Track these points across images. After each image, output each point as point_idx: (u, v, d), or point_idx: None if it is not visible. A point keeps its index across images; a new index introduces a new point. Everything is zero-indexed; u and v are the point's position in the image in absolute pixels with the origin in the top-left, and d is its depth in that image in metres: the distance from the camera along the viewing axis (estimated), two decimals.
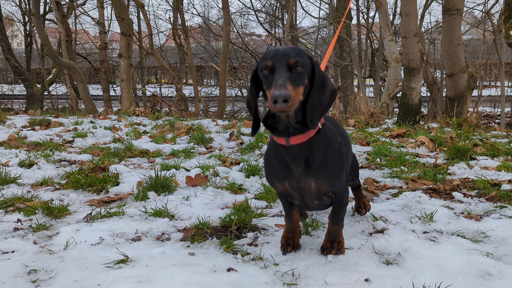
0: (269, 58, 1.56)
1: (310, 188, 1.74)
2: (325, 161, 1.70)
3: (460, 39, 7.52)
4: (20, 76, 13.86)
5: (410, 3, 6.52)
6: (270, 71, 1.54)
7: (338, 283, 1.63)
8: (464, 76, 7.32)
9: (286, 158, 1.69)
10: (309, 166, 1.69)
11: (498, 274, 1.67)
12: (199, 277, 1.65)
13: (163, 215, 2.38)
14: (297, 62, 1.52)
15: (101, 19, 12.24)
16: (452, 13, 7.22)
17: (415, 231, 2.12)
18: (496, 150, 3.93)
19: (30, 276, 1.69)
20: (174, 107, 11.20)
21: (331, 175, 1.74)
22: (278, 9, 16.34)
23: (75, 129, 5.40)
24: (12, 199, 2.54)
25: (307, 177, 1.71)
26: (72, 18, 14.88)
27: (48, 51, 9.23)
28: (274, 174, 1.80)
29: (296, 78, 1.52)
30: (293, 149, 1.65)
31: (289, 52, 1.54)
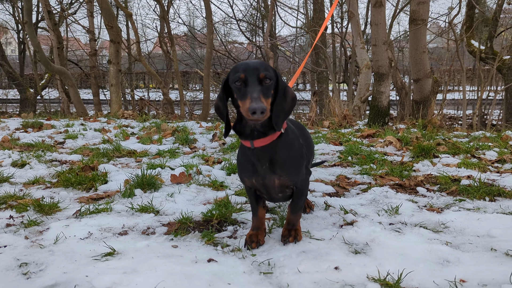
0: (241, 71, 1.63)
1: (274, 184, 1.85)
2: (286, 160, 1.81)
3: (426, 47, 7.65)
4: (13, 81, 13.60)
5: (379, 14, 6.60)
6: (243, 83, 1.62)
7: (310, 271, 1.64)
8: (429, 81, 7.46)
9: (252, 158, 1.80)
10: (272, 165, 1.79)
11: (456, 261, 1.70)
12: (181, 268, 1.65)
13: (148, 211, 2.36)
14: (266, 76, 1.62)
15: (91, 27, 12.09)
16: (418, 23, 7.35)
17: (381, 223, 2.14)
18: (457, 149, 3.99)
19: (21, 269, 1.66)
20: (160, 110, 11.12)
21: (292, 172, 1.85)
22: (259, 18, 16.33)
23: (66, 131, 5.33)
24: (4, 197, 2.50)
25: (271, 175, 1.82)
26: (63, 26, 14.65)
27: (40, 57, 9.08)
28: (243, 172, 1.91)
29: (266, 91, 1.62)
30: (257, 150, 1.76)
31: (258, 67, 1.63)
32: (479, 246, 1.84)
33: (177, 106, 12.47)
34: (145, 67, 10.93)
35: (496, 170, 3.29)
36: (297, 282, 1.57)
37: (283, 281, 1.58)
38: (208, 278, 1.59)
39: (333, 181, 3.05)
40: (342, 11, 15.51)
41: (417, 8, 7.42)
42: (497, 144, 4.29)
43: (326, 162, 3.68)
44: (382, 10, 6.60)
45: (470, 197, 2.57)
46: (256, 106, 1.50)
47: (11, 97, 16.37)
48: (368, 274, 1.60)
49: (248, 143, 1.75)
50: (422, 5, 7.41)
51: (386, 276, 1.57)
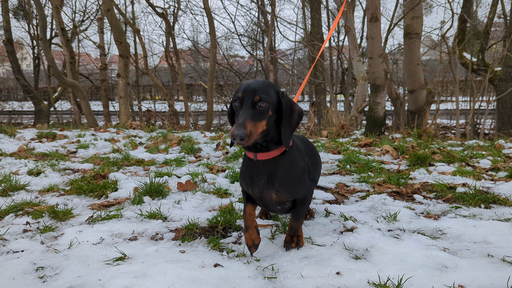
0: (240, 91, 1.65)
1: (271, 198, 1.83)
2: (286, 177, 1.79)
3: (420, 59, 7.67)
4: (29, 94, 13.68)
5: (375, 28, 6.63)
6: (240, 103, 1.64)
7: (312, 276, 1.63)
8: (423, 92, 7.46)
9: (252, 171, 1.81)
10: (271, 180, 1.78)
11: (454, 267, 1.68)
12: (189, 272, 1.64)
13: (157, 217, 2.35)
14: (261, 99, 1.61)
15: (101, 43, 12.15)
16: (412, 37, 7.37)
17: (380, 230, 2.13)
18: (452, 157, 3.97)
19: (37, 272, 1.66)
20: (166, 121, 11.13)
21: (291, 189, 1.82)
22: (259, 33, 16.43)
23: (78, 141, 5.33)
24: (21, 204, 2.50)
25: (269, 190, 1.80)
26: (75, 42, 14.76)
27: (54, 72, 9.13)
28: (244, 180, 1.90)
29: (259, 114, 1.61)
30: (259, 163, 1.77)
31: (257, 89, 1.62)
32: (476, 252, 1.82)
33: (182, 117, 12.51)
34: (152, 80, 10.97)
35: (491, 178, 3.27)
36: (300, 286, 1.56)
37: (286, 286, 1.57)
38: (215, 282, 1.58)
39: (332, 189, 3.03)
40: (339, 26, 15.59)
41: (411, 23, 7.46)
42: (491, 152, 4.27)
43: (325, 170, 3.67)
44: (377, 24, 6.63)
45: (466, 204, 2.55)
46: (236, 133, 1.51)
47: (26, 109, 16.49)
48: (369, 279, 1.58)
49: (252, 155, 1.76)
50: (416, 19, 7.45)
51: (386, 281, 1.55)
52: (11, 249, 1.89)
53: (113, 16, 9.09)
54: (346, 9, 7.59)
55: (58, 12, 10.65)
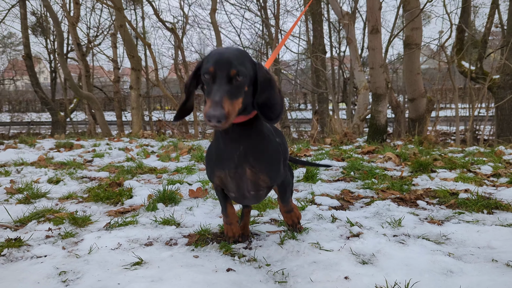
0: (211, 62, 1.37)
1: (246, 175, 1.61)
2: (262, 151, 1.58)
3: (419, 69, 7.66)
4: (46, 106, 13.84)
5: (375, 40, 6.64)
6: (211, 77, 1.36)
7: (322, 280, 1.62)
8: (424, 101, 7.44)
9: (225, 144, 1.57)
10: (246, 153, 1.56)
11: (459, 271, 1.67)
12: (203, 277, 1.64)
13: (170, 223, 2.36)
14: (238, 72, 1.35)
15: (114, 57, 12.29)
16: (412, 47, 7.37)
17: (386, 235, 2.12)
18: (453, 164, 3.95)
19: (60, 276, 1.67)
20: (176, 130, 11.18)
21: (268, 166, 1.62)
22: (263, 45, 16.52)
23: (93, 150, 5.38)
24: (43, 211, 2.52)
25: (244, 163, 1.57)
26: (90, 56, 14.93)
27: (70, 84, 9.25)
28: (213, 165, 1.66)
29: (235, 90, 1.35)
30: (234, 128, 1.51)
31: (232, 61, 1.36)
32: (480, 257, 1.80)
33: (190, 126, 12.56)
34: (163, 91, 11.05)
35: (492, 184, 3.25)
36: None
37: None
38: (228, 286, 1.58)
39: (338, 195, 3.03)
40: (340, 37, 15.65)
41: (411, 34, 7.46)
42: (491, 159, 4.24)
43: (330, 177, 3.67)
44: (378, 36, 6.64)
45: (468, 210, 2.53)
46: (212, 113, 1.26)
47: (44, 120, 16.66)
48: (377, 284, 1.57)
49: None
50: (415, 30, 7.45)
51: (394, 285, 1.54)
52: (35, 254, 1.91)
53: (126, 32, 9.20)
54: (347, 22, 7.62)
55: (74, 28, 10.79)
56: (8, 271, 1.72)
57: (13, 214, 2.46)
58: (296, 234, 2.16)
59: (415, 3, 7.21)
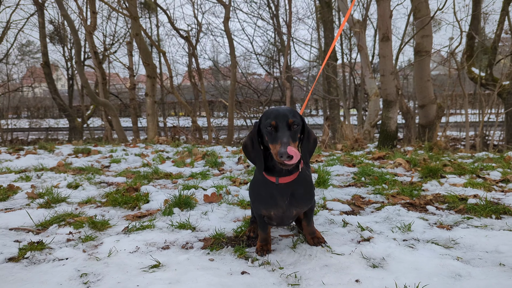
0: (272, 117, 1.68)
1: (292, 214, 1.91)
2: (303, 193, 1.87)
3: (429, 75, 7.62)
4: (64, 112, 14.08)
5: (386, 47, 6.64)
6: (274, 128, 1.67)
7: (333, 283, 1.65)
8: (434, 107, 7.40)
9: (275, 193, 1.83)
10: (293, 199, 1.84)
11: (467, 275, 1.68)
12: (219, 279, 1.68)
13: (186, 227, 2.40)
14: (294, 121, 1.68)
15: (130, 65, 12.47)
16: (422, 54, 7.35)
17: (396, 239, 2.13)
18: (463, 169, 3.92)
19: (82, 278, 1.72)
20: (190, 136, 11.28)
21: (308, 204, 1.93)
22: (276, 52, 16.60)
23: (111, 156, 5.46)
24: (63, 215, 2.58)
25: (291, 208, 1.87)
26: (106, 63, 15.17)
27: (87, 91, 9.41)
28: (262, 204, 1.90)
29: (294, 135, 1.67)
30: (281, 186, 1.81)
31: (287, 114, 1.68)
32: (488, 261, 1.81)
33: (204, 132, 12.65)
34: (177, 98, 11.16)
35: (501, 189, 3.23)
36: None
37: None
38: None
39: (349, 200, 3.04)
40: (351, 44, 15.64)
41: (422, 41, 7.44)
42: (500, 164, 4.21)
43: (342, 183, 3.68)
44: (389, 44, 6.64)
45: (477, 215, 2.52)
46: (284, 151, 1.54)
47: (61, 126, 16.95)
48: (387, 287, 1.59)
49: (273, 179, 1.80)
50: (426, 38, 7.43)
51: None
52: (57, 257, 1.96)
53: (141, 40, 9.35)
54: (358, 30, 7.63)
55: (91, 36, 10.99)
56: (32, 273, 1.78)
57: (35, 218, 2.53)
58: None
59: (425, 11, 7.20)
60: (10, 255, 1.96)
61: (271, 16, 15.33)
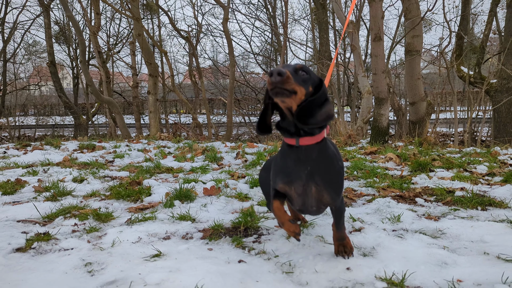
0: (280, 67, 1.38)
1: (312, 193, 1.58)
2: (326, 171, 1.54)
3: (420, 74, 7.61)
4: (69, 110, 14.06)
5: (378, 47, 6.64)
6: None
7: (325, 271, 1.67)
8: (424, 104, 7.41)
9: (294, 159, 1.52)
10: (312, 172, 1.52)
11: (453, 263, 1.70)
12: (217, 267, 1.69)
13: (186, 219, 2.41)
14: (302, 68, 1.40)
15: (133, 64, 12.43)
16: (413, 53, 7.34)
17: (385, 230, 2.15)
18: (451, 164, 3.94)
19: (86, 267, 1.73)
20: (191, 132, 11.28)
21: (331, 185, 1.57)
22: (273, 52, 16.58)
23: (114, 152, 5.46)
24: (69, 207, 2.59)
25: (310, 182, 1.54)
26: (110, 62, 15.12)
27: (92, 90, 9.37)
28: (280, 176, 1.60)
29: (300, 79, 1.37)
30: (301, 150, 1.49)
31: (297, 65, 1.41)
32: (473, 250, 1.83)
33: (204, 128, 12.65)
34: (178, 96, 11.15)
35: (487, 182, 3.25)
36: (315, 280, 1.60)
37: (302, 279, 1.61)
38: (240, 276, 1.63)
39: None
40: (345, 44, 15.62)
41: (412, 41, 7.43)
42: (487, 159, 4.23)
43: None
44: (380, 43, 6.64)
45: (464, 206, 2.54)
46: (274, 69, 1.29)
47: (67, 123, 16.91)
48: (376, 274, 1.61)
49: (293, 141, 1.48)
50: (416, 38, 7.41)
51: (391, 276, 1.58)
52: (62, 247, 1.97)
53: (144, 40, 9.32)
54: (351, 30, 7.62)
55: (95, 37, 10.95)
56: (38, 263, 1.79)
57: (41, 210, 2.54)
58: (302, 228, 2.20)
59: (416, 12, 7.19)
60: (17, 246, 1.97)
61: (268, 17, 15.30)
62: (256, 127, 1.58)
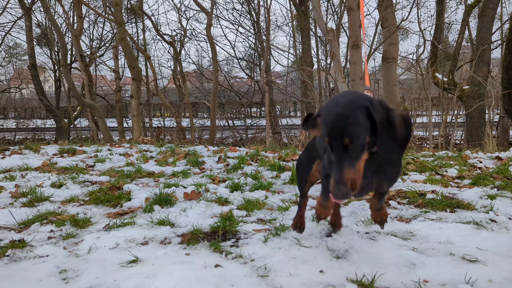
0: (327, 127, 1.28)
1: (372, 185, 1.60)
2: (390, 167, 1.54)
3: (396, 81, 7.79)
4: (51, 113, 13.75)
5: (356, 54, 6.74)
6: (328, 145, 1.30)
7: (299, 274, 1.69)
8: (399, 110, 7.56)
9: None
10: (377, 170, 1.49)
11: (421, 264, 1.74)
12: (193, 272, 1.69)
13: (165, 224, 2.39)
14: (351, 138, 1.24)
15: (116, 68, 12.28)
16: (389, 61, 7.50)
17: (359, 232, 2.18)
18: (424, 167, 4.01)
19: (61, 275, 1.71)
20: (175, 136, 11.20)
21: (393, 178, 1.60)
22: (256, 57, 16.63)
23: (95, 156, 5.36)
24: (46, 213, 2.54)
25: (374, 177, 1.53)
26: (93, 66, 14.90)
27: (73, 94, 9.21)
28: None
29: (354, 155, 1.26)
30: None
31: (344, 126, 1.24)
32: (440, 251, 1.88)
33: (188, 132, 12.58)
34: (161, 100, 11.06)
35: (456, 185, 3.34)
36: (289, 283, 1.62)
37: (277, 283, 1.63)
38: (215, 280, 1.63)
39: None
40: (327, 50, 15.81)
41: (389, 49, 7.59)
42: (458, 162, 4.34)
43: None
44: (358, 51, 6.74)
45: (434, 209, 2.61)
46: (338, 194, 1.23)
47: (48, 126, 16.56)
48: (348, 276, 1.64)
49: None
50: (392, 46, 7.59)
51: (362, 277, 1.61)
52: (37, 254, 1.93)
53: (127, 44, 9.22)
54: (330, 37, 7.72)
55: (78, 40, 10.78)
56: (12, 270, 1.75)
57: (17, 217, 2.47)
58: (279, 232, 2.21)
59: (392, 21, 7.36)
60: None
61: (252, 23, 15.36)
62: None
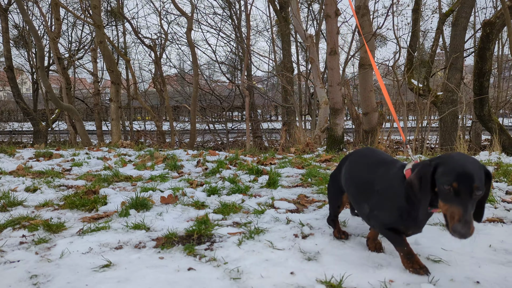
0: (454, 175, 1.36)
1: None
2: None
3: (372, 86, 7.95)
4: (28, 116, 13.39)
5: (334, 60, 6.87)
6: (454, 191, 1.35)
7: (271, 276, 1.71)
8: (376, 115, 7.73)
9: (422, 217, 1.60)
10: None
11: (387, 265, 1.79)
12: (166, 276, 1.70)
13: (141, 228, 2.38)
14: (478, 188, 1.34)
15: (95, 71, 12.10)
16: (366, 67, 7.66)
17: (331, 235, 2.22)
18: None
19: (32, 280, 1.68)
20: (155, 140, 11.10)
21: None
22: (237, 61, 16.67)
23: (72, 160, 5.27)
24: (18, 218, 2.49)
25: None
26: (71, 69, 14.62)
27: (51, 97, 9.02)
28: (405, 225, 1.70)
29: (473, 204, 1.36)
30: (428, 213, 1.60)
31: (474, 176, 1.34)
32: None
33: (168, 136, 12.48)
34: (141, 104, 10.96)
35: None
36: (260, 285, 1.64)
37: (248, 285, 1.65)
38: (188, 283, 1.64)
39: (295, 200, 3.13)
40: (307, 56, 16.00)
41: (365, 56, 7.76)
42: None
43: (290, 183, 3.78)
44: (336, 57, 6.87)
45: None
46: (463, 232, 1.28)
47: (26, 129, 16.13)
48: (317, 278, 1.68)
49: None
50: (367, 53, 7.74)
51: (330, 278, 1.66)
52: (8, 259, 1.90)
53: (105, 48, 9.11)
54: (309, 44, 7.84)
55: (55, 43, 10.57)
56: None
57: None
58: (253, 235, 2.24)
59: (368, 29, 7.52)
60: None
61: (234, 27, 15.39)
62: None
